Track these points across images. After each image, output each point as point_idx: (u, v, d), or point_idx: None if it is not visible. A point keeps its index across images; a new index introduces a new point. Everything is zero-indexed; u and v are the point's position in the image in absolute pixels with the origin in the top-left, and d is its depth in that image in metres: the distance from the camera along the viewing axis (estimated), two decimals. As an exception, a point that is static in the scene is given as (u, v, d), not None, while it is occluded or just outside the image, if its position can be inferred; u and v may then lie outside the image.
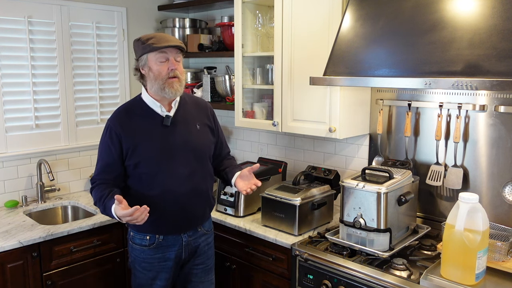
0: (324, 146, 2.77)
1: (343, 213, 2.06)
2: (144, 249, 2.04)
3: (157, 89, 1.96)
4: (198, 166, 2.08)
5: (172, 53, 1.96)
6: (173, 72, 1.95)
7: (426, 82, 1.71)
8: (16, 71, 2.75)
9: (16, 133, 2.79)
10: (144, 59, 1.97)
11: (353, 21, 2.07)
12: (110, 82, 3.17)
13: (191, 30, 3.28)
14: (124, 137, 1.97)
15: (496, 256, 1.82)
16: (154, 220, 1.97)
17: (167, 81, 1.95)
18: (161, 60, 1.94)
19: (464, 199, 1.67)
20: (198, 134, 2.10)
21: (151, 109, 2.02)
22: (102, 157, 2.02)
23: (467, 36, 1.70)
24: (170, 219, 2.02)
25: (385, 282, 1.81)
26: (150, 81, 1.98)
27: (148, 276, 2.07)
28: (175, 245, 2.06)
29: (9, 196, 2.79)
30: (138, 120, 2.01)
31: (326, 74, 2.06)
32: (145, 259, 2.05)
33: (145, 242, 2.04)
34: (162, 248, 2.05)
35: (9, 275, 2.22)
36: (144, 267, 2.06)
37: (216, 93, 3.14)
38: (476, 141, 2.13)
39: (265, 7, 2.73)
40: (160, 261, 2.06)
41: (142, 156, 1.97)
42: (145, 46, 1.94)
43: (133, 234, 2.08)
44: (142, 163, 1.97)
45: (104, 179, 1.98)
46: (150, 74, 1.97)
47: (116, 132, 1.98)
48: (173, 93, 1.96)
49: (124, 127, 1.98)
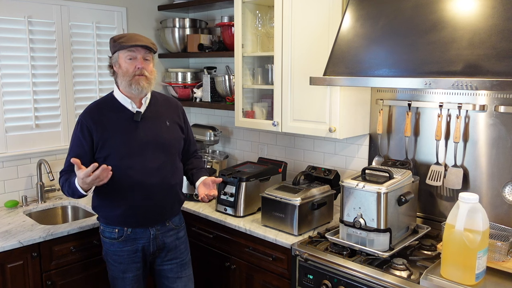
0: (324, 146, 2.77)
1: (343, 213, 2.06)
2: (114, 242, 2.13)
3: (125, 85, 2.07)
4: (167, 160, 2.16)
5: (141, 52, 2.05)
6: (139, 70, 2.05)
7: (426, 82, 1.71)
8: (16, 71, 2.75)
9: (16, 133, 2.79)
10: (115, 57, 2.07)
11: (353, 21, 2.07)
12: (110, 82, 3.17)
13: (191, 30, 3.28)
14: (95, 131, 2.05)
15: (496, 256, 1.82)
16: (122, 213, 2.08)
17: (133, 78, 2.05)
18: (129, 58, 2.04)
19: (464, 199, 1.67)
20: (167, 130, 2.19)
21: (122, 105, 2.11)
22: (72, 150, 2.08)
23: (467, 36, 1.70)
24: (139, 212, 2.10)
25: (385, 282, 1.81)
26: (120, 78, 2.08)
27: (119, 269, 2.14)
28: (143, 238, 2.14)
29: (9, 196, 2.80)
30: (109, 115, 2.09)
31: (326, 74, 2.06)
32: (115, 252, 2.14)
33: (114, 235, 2.12)
34: (131, 240, 2.13)
35: (9, 275, 2.22)
36: (115, 260, 2.14)
37: (216, 93, 3.14)
38: (476, 141, 2.13)
39: (265, 7, 2.73)
40: (129, 254, 2.13)
41: (112, 149, 2.05)
42: (116, 44, 2.05)
43: (102, 228, 2.16)
44: (112, 156, 2.05)
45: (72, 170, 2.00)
46: (119, 71, 2.07)
47: (88, 126, 2.05)
48: (139, 90, 2.06)
49: (95, 121, 2.06)
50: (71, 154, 2.07)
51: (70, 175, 2.02)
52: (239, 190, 2.55)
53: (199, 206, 2.75)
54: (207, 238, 2.65)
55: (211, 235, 2.62)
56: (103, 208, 2.14)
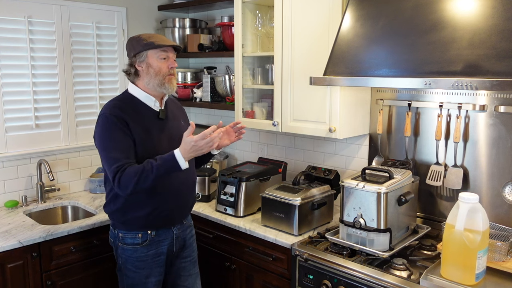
0: (324, 146, 2.77)
1: (343, 213, 2.06)
2: (137, 248, 2.07)
3: (155, 84, 2.03)
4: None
5: (171, 52, 2.07)
6: (172, 70, 2.06)
7: (426, 82, 1.71)
8: (16, 71, 2.75)
9: (16, 133, 2.79)
10: (143, 56, 2.02)
11: (353, 21, 2.07)
12: (110, 82, 3.17)
13: (191, 30, 3.28)
14: (132, 126, 1.95)
15: (496, 256, 1.82)
16: (148, 214, 2.03)
17: (167, 78, 2.04)
18: (162, 57, 2.03)
19: (464, 199, 1.67)
20: (184, 129, 2.13)
21: (144, 104, 2.07)
22: (118, 146, 1.92)
23: (467, 36, 1.70)
24: (165, 212, 2.07)
25: (385, 282, 1.81)
26: (149, 77, 2.03)
27: (141, 275, 2.09)
28: (167, 239, 2.12)
29: (9, 196, 2.80)
30: (135, 113, 2.03)
31: (326, 74, 2.06)
32: (138, 258, 2.07)
33: (138, 240, 2.06)
34: (155, 243, 2.09)
35: (9, 275, 2.22)
36: (138, 266, 2.08)
37: (216, 93, 3.14)
38: (476, 141, 2.13)
39: (265, 7, 2.73)
40: (153, 257, 2.10)
41: (141, 147, 1.98)
42: (147, 43, 2.00)
43: (122, 235, 2.08)
44: (146, 154, 1.96)
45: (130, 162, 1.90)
46: (150, 70, 2.02)
47: (123, 117, 1.94)
48: (171, 89, 2.06)
49: (126, 114, 1.97)
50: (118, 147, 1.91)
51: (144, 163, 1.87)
52: (239, 190, 2.55)
53: (199, 206, 2.75)
54: (207, 238, 2.65)
55: (211, 235, 2.62)
56: (124, 212, 2.04)
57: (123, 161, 1.90)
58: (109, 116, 1.95)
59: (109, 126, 1.94)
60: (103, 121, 1.97)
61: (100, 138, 1.98)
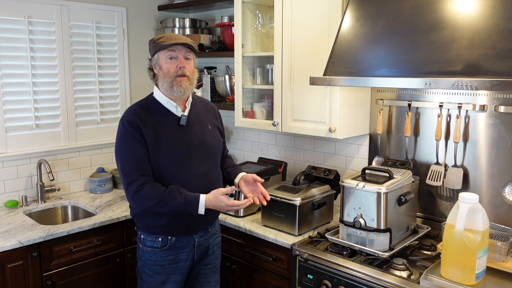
0: (324, 146, 2.77)
1: (343, 213, 2.06)
2: (156, 251, 2.02)
3: (166, 87, 1.96)
4: (212, 165, 2.09)
5: (181, 51, 1.95)
6: (181, 70, 1.94)
7: (426, 82, 1.71)
8: (16, 71, 2.75)
9: (16, 133, 2.79)
10: (155, 58, 1.98)
11: (353, 21, 2.07)
12: (110, 82, 3.17)
13: (191, 30, 3.27)
14: (145, 132, 1.92)
15: (496, 256, 1.82)
16: (168, 221, 1.98)
17: (175, 80, 1.94)
18: (170, 57, 1.94)
19: (464, 199, 1.67)
20: (210, 134, 2.11)
21: (166, 109, 2.00)
22: (132, 154, 1.91)
23: (467, 36, 1.70)
24: (185, 220, 2.00)
25: (385, 282, 1.81)
26: (161, 80, 1.98)
27: (158, 280, 2.03)
28: (187, 246, 2.05)
29: (9, 196, 2.79)
30: (155, 119, 1.96)
31: (326, 74, 2.06)
32: (156, 262, 2.02)
33: (157, 244, 2.01)
34: (175, 249, 2.03)
35: (9, 275, 2.22)
36: (155, 270, 2.03)
37: (216, 93, 3.14)
38: (476, 141, 2.13)
39: (265, 7, 2.73)
40: (171, 263, 2.03)
41: (161, 155, 1.94)
42: (155, 44, 1.95)
43: (144, 237, 2.04)
44: (161, 163, 1.94)
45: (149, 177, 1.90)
46: (160, 72, 1.97)
47: (139, 126, 1.91)
48: (181, 92, 1.95)
49: (143, 121, 1.93)
50: (132, 159, 1.90)
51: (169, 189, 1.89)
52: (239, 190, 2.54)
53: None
54: (207, 238, 2.65)
55: (211, 235, 2.62)
56: (146, 217, 2.00)
57: (137, 173, 1.89)
58: (125, 123, 1.93)
59: (125, 134, 1.92)
60: (120, 129, 1.95)
61: (117, 146, 1.96)
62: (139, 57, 3.28)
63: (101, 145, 3.17)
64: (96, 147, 3.14)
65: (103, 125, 3.17)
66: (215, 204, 1.91)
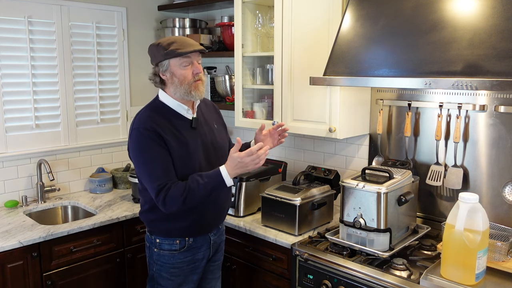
0: (324, 146, 2.77)
1: (343, 213, 2.06)
2: (175, 254, 2.01)
3: (182, 93, 1.93)
4: (223, 163, 2.04)
5: (195, 56, 1.95)
6: (198, 76, 1.94)
7: (426, 82, 1.71)
8: (16, 71, 2.75)
9: (16, 133, 2.79)
10: (165, 65, 1.92)
11: (353, 21, 2.07)
12: (110, 82, 3.17)
13: (191, 30, 3.27)
14: (166, 138, 1.89)
15: (496, 256, 1.82)
16: (190, 224, 1.99)
17: (193, 85, 1.93)
18: (185, 64, 1.91)
19: (464, 199, 1.67)
20: (218, 133, 2.13)
21: (177, 113, 1.98)
22: (159, 163, 1.86)
23: (467, 36, 1.70)
24: (205, 220, 2.02)
25: (385, 282, 1.81)
26: (174, 86, 1.93)
27: (176, 282, 2.03)
28: (203, 246, 2.07)
29: (9, 196, 2.79)
30: (170, 123, 1.94)
31: (326, 74, 2.06)
32: (174, 264, 2.02)
33: (175, 246, 2.01)
34: (192, 250, 2.04)
35: (9, 275, 2.22)
36: (173, 273, 2.03)
37: (216, 93, 3.14)
38: (476, 141, 2.13)
39: (265, 7, 2.73)
40: (189, 264, 2.04)
41: (180, 159, 1.91)
42: (169, 52, 1.88)
43: (160, 241, 2.02)
44: (182, 166, 1.91)
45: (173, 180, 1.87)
46: (174, 79, 1.93)
47: (159, 132, 1.87)
48: (199, 96, 1.96)
49: (161, 127, 1.89)
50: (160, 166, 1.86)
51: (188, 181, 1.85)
52: (239, 190, 2.55)
53: (199, 206, 2.75)
54: (207, 238, 2.65)
55: (211, 235, 2.63)
56: (164, 222, 1.99)
57: (165, 179, 1.86)
58: (144, 131, 1.87)
59: (146, 142, 1.88)
60: (138, 137, 1.89)
61: (137, 155, 1.92)
62: (139, 57, 3.28)
63: (101, 145, 3.17)
64: (96, 147, 3.14)
65: (103, 125, 3.17)
66: (234, 165, 1.83)
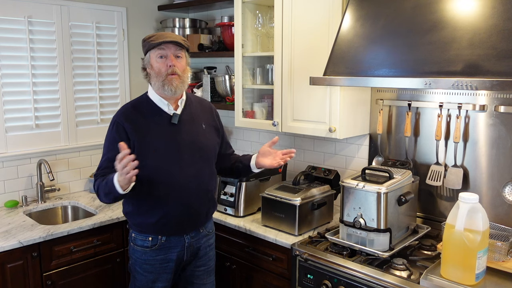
0: (324, 146, 2.77)
1: (343, 213, 2.06)
2: (146, 251, 2.02)
3: (158, 86, 1.95)
4: (205, 165, 2.07)
5: (171, 49, 1.94)
6: (171, 69, 1.92)
7: (426, 82, 1.71)
8: (16, 71, 2.75)
9: (16, 133, 2.79)
10: (147, 58, 1.98)
11: (353, 21, 2.07)
12: (110, 82, 3.17)
13: (191, 30, 3.28)
14: (131, 132, 1.93)
15: (496, 256, 1.82)
16: (158, 220, 1.97)
17: (166, 78, 1.93)
18: (159, 56, 1.94)
19: (464, 199, 1.67)
20: (204, 134, 2.10)
21: (158, 107, 2.00)
22: (108, 150, 1.96)
23: (467, 36, 1.70)
24: (175, 219, 1.99)
25: (385, 282, 1.81)
26: (153, 79, 1.97)
27: (148, 279, 2.04)
28: (177, 247, 2.04)
29: (9, 196, 2.79)
30: (145, 117, 1.97)
31: (326, 74, 2.06)
32: (146, 261, 2.03)
33: (147, 243, 2.01)
34: (164, 249, 2.03)
35: (9, 275, 2.22)
36: (145, 269, 2.04)
37: (216, 93, 3.14)
38: (476, 141, 2.13)
39: (265, 7, 2.73)
40: (161, 263, 2.03)
41: (148, 153, 1.93)
42: (145, 43, 1.96)
43: (134, 236, 2.05)
44: (148, 160, 1.92)
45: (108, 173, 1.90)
46: (152, 72, 1.96)
47: (124, 126, 1.93)
48: (172, 91, 1.94)
49: (131, 122, 1.95)
50: (107, 155, 1.95)
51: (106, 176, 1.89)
52: (239, 190, 2.55)
53: (199, 206, 2.75)
54: (207, 238, 2.65)
55: (211, 235, 2.62)
56: (136, 215, 2.02)
57: (104, 170, 1.93)
58: (114, 122, 1.97)
59: (109, 132, 1.99)
60: (110, 125, 2.00)
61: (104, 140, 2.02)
62: (139, 57, 3.25)
63: (101, 145, 3.11)
64: (96, 147, 3.14)
65: (103, 125, 3.17)
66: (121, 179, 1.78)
